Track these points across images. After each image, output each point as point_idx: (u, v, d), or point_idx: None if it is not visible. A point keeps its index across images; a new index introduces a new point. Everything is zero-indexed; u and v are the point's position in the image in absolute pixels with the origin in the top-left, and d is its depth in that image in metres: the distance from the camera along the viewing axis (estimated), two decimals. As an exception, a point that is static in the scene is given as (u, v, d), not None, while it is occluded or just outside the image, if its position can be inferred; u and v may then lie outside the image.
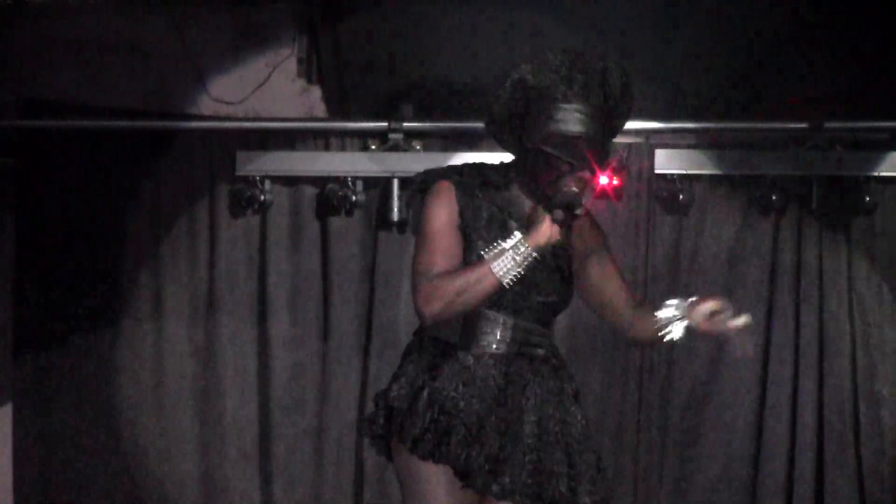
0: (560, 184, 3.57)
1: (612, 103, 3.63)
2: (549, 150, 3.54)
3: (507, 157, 3.74)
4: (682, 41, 6.05)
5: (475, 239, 3.62)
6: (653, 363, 6.14)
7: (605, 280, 3.79)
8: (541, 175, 3.60)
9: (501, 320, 3.65)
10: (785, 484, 6.10)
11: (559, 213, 3.49)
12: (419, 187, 3.68)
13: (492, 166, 3.72)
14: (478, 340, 3.65)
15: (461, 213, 3.63)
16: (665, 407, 6.16)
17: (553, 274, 3.68)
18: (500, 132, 3.69)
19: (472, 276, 3.52)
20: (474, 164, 3.74)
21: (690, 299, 3.66)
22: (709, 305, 3.61)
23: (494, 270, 3.51)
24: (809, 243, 6.11)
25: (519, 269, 3.51)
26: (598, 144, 3.59)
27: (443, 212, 3.63)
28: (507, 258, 3.51)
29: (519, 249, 3.51)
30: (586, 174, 3.58)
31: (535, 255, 3.51)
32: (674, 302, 3.66)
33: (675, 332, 3.64)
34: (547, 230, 3.51)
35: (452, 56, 6.11)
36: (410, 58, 6.16)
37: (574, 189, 3.57)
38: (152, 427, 6.27)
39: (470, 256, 3.61)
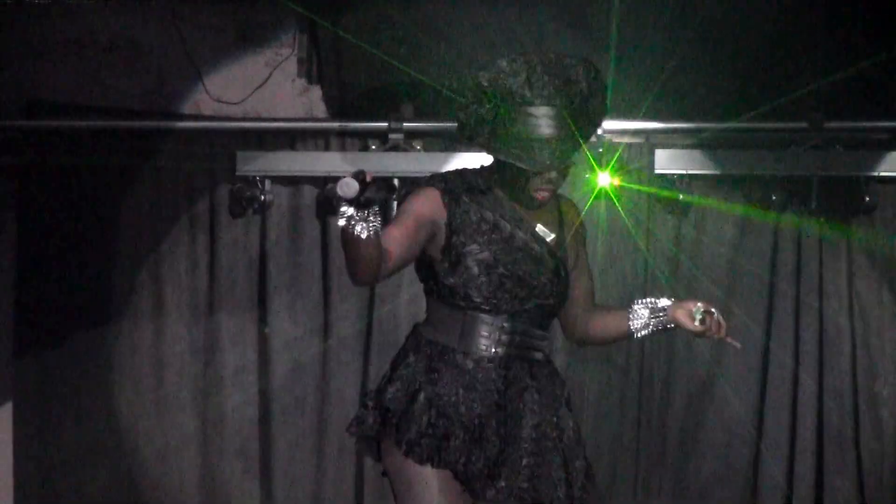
0: (529, 187, 3.58)
1: (579, 101, 3.60)
2: (509, 160, 3.54)
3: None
4: (683, 41, 6.04)
5: (468, 243, 3.61)
6: (653, 363, 6.14)
7: (578, 276, 3.80)
8: (511, 179, 3.61)
9: (499, 324, 3.64)
10: (785, 484, 6.10)
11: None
12: (404, 197, 3.69)
13: (474, 170, 3.71)
14: (477, 344, 3.64)
15: (450, 221, 3.61)
16: (665, 407, 6.16)
17: (552, 277, 3.68)
18: (471, 138, 3.68)
19: (342, 242, 3.44)
20: (457, 170, 3.73)
21: (670, 300, 3.69)
22: (698, 306, 3.63)
23: (352, 233, 3.39)
24: (809, 243, 6.11)
25: (367, 231, 3.36)
26: (567, 144, 3.56)
27: (421, 204, 3.61)
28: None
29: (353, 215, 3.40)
30: (552, 175, 3.58)
31: (371, 218, 3.37)
32: (647, 301, 3.69)
33: (646, 331, 3.70)
34: None
35: (453, 56, 6.11)
36: (410, 58, 6.16)
37: (543, 192, 3.59)
38: (152, 427, 6.27)
39: (465, 261, 3.61)
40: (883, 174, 5.98)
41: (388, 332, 6.17)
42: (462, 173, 3.71)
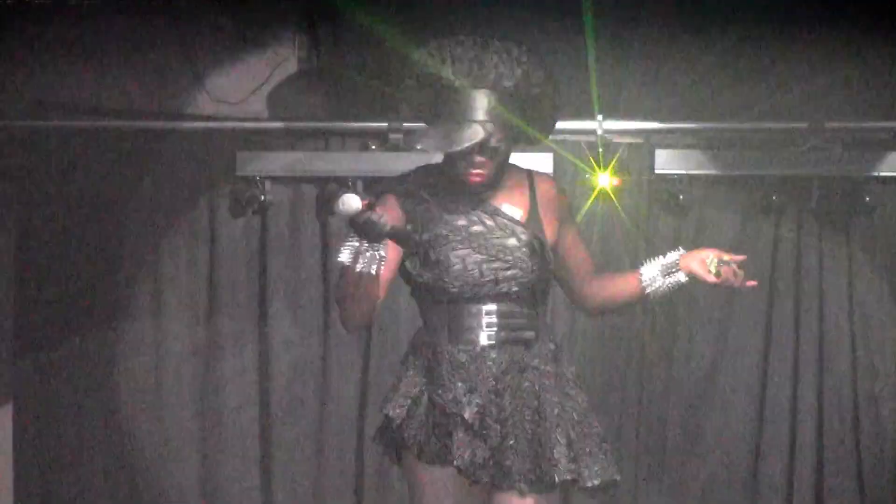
0: (458, 171, 3.60)
1: (509, 84, 3.59)
2: (416, 146, 3.58)
3: None
4: (682, 41, 6.05)
5: (434, 238, 3.65)
6: (653, 363, 6.14)
7: (569, 246, 3.80)
8: (447, 166, 3.64)
9: (484, 310, 3.66)
10: (785, 484, 6.10)
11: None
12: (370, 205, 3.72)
13: (434, 165, 3.75)
14: (465, 335, 3.66)
15: (410, 222, 3.64)
16: (665, 407, 6.16)
17: (523, 250, 3.67)
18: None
19: (343, 280, 3.45)
20: (419, 168, 3.77)
21: (679, 251, 3.72)
22: (711, 257, 3.66)
23: (356, 269, 3.43)
24: (809, 243, 6.11)
25: (374, 266, 3.42)
26: (488, 127, 3.56)
27: None
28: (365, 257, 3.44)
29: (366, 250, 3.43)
30: (475, 158, 3.59)
31: (380, 252, 3.41)
32: (656, 258, 3.72)
33: (659, 286, 3.70)
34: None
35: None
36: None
37: (473, 176, 3.60)
38: (152, 427, 6.27)
39: (434, 254, 3.63)
40: (883, 174, 5.99)
41: (388, 332, 6.17)
42: (425, 169, 3.76)
